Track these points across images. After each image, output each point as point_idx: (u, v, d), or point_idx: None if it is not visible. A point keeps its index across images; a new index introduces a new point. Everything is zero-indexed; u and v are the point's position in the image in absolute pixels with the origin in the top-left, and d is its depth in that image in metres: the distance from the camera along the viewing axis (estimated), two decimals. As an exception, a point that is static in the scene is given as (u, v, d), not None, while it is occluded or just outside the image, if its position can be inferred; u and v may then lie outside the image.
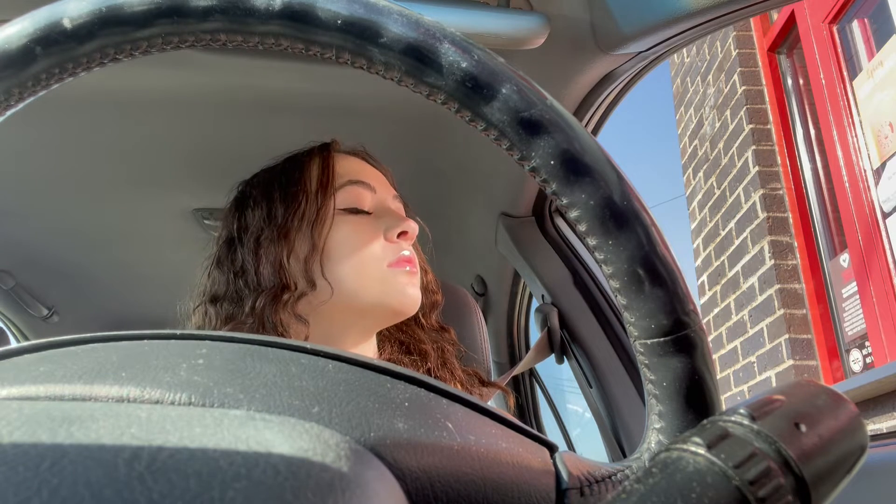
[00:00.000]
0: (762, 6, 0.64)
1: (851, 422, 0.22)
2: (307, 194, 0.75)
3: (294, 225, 0.73)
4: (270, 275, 0.72)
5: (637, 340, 0.28)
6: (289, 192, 0.76)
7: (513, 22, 0.73)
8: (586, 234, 0.28)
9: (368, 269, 0.73)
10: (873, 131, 2.17)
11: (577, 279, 1.14)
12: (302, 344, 0.29)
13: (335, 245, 0.73)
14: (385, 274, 0.73)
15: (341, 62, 0.29)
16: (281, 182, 0.77)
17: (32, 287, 1.51)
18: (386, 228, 0.75)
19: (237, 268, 0.75)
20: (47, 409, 0.20)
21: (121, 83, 0.91)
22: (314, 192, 0.75)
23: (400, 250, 0.75)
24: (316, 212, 0.74)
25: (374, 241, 0.74)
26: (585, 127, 0.40)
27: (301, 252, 0.73)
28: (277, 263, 0.72)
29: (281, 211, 0.75)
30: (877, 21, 2.22)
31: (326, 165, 0.77)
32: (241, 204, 0.80)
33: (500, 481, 0.25)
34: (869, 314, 2.14)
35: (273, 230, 0.74)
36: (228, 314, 0.73)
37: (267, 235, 0.74)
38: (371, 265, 0.73)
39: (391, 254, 0.74)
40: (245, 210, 0.79)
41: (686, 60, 3.58)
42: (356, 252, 0.73)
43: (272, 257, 0.73)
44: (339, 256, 0.73)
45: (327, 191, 0.75)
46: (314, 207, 0.74)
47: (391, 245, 0.75)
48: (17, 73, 0.27)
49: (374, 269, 0.73)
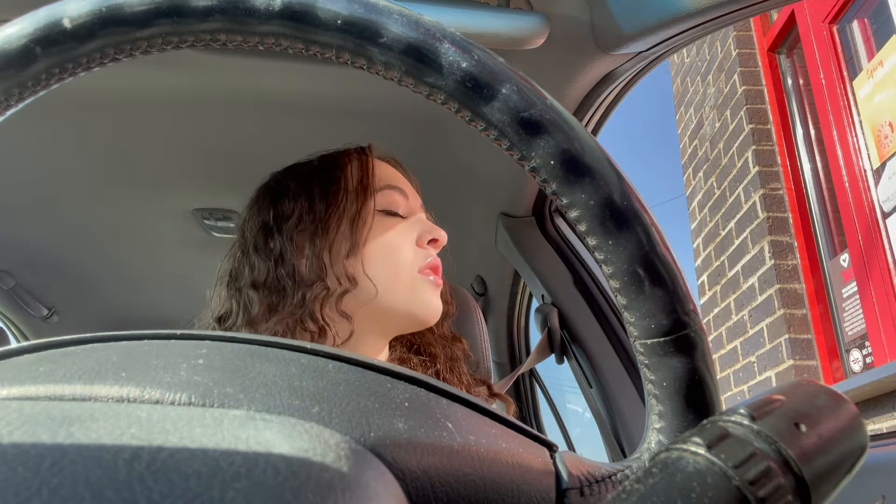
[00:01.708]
0: (762, 6, 0.64)
1: (851, 422, 0.22)
2: (347, 193, 0.76)
3: (334, 222, 0.74)
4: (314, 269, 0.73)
5: (637, 340, 0.28)
6: (329, 189, 0.77)
7: (513, 22, 0.73)
8: (586, 234, 0.28)
9: (401, 272, 0.74)
10: (873, 131, 2.17)
11: (577, 279, 1.14)
12: (302, 344, 0.29)
13: (373, 245, 0.74)
14: (415, 280, 0.75)
15: (341, 62, 0.29)
16: (321, 178, 0.78)
17: (32, 287, 1.51)
18: (418, 234, 0.77)
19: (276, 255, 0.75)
20: (47, 409, 0.20)
21: (121, 83, 0.91)
22: (354, 191, 0.76)
23: (428, 256, 0.77)
24: (357, 210, 0.75)
25: (407, 245, 0.76)
26: (585, 127, 0.40)
27: (341, 249, 0.74)
28: (320, 258, 0.73)
29: (322, 206, 0.75)
30: (877, 21, 2.22)
31: (366, 167, 0.79)
32: (277, 193, 0.80)
33: (500, 481, 0.25)
34: (869, 314, 2.14)
35: (314, 225, 0.75)
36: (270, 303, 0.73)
37: (307, 228, 0.75)
38: (403, 268, 0.74)
39: (421, 259, 0.76)
40: (281, 200, 0.78)
41: (686, 60, 3.58)
42: (392, 254, 0.75)
43: (315, 251, 0.73)
44: (376, 257, 0.74)
45: (367, 191, 0.77)
46: (355, 206, 0.75)
47: (421, 251, 0.77)
48: (17, 73, 0.27)
49: (406, 274, 0.74)
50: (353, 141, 0.83)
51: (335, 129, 1.02)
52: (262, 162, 0.83)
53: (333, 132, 0.85)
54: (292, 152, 0.82)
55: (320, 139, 0.84)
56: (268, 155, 0.84)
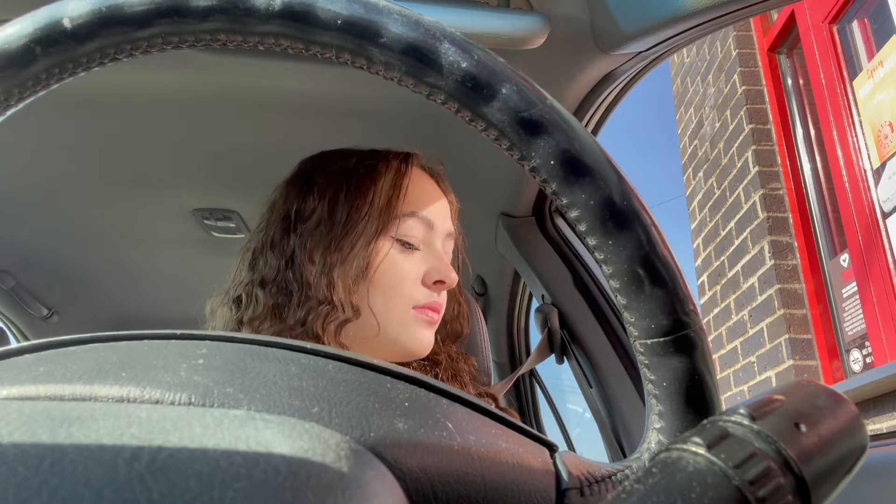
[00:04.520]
0: (762, 6, 0.64)
1: (851, 422, 0.22)
2: (372, 210, 0.72)
3: (351, 239, 0.71)
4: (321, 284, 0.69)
5: (637, 340, 0.28)
6: (356, 200, 0.72)
7: (513, 22, 0.73)
8: (586, 234, 0.28)
9: (397, 306, 0.71)
10: (873, 131, 2.17)
11: (577, 279, 1.14)
12: (302, 344, 0.29)
13: (380, 274, 0.71)
14: (408, 316, 0.72)
15: (341, 62, 0.29)
16: (351, 182, 0.74)
17: (32, 287, 1.51)
18: (427, 271, 0.73)
19: (288, 255, 0.73)
20: (47, 409, 0.20)
21: (121, 83, 0.91)
22: (379, 210, 0.72)
23: (431, 296, 0.73)
24: (375, 233, 0.71)
25: (411, 279, 0.72)
26: (585, 127, 0.40)
27: (352, 271, 0.70)
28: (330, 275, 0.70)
29: (343, 216, 0.72)
30: (877, 21, 2.22)
31: (399, 185, 0.74)
32: (305, 185, 0.76)
33: (500, 481, 0.25)
34: (869, 314, 2.14)
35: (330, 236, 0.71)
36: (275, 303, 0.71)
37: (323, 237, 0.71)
38: (400, 303, 0.72)
39: (422, 297, 0.72)
40: (309, 194, 0.75)
41: (686, 60, 3.58)
42: (395, 286, 0.71)
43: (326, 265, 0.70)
44: (379, 287, 0.71)
45: (393, 214, 0.72)
46: (375, 226, 0.71)
47: (425, 290, 0.73)
48: (17, 73, 0.27)
49: (402, 308, 0.72)
50: (353, 141, 0.82)
51: (335, 128, 1.02)
52: (262, 162, 0.83)
53: (333, 132, 0.85)
54: (292, 152, 0.82)
55: (320, 139, 0.84)
56: (268, 155, 0.84)
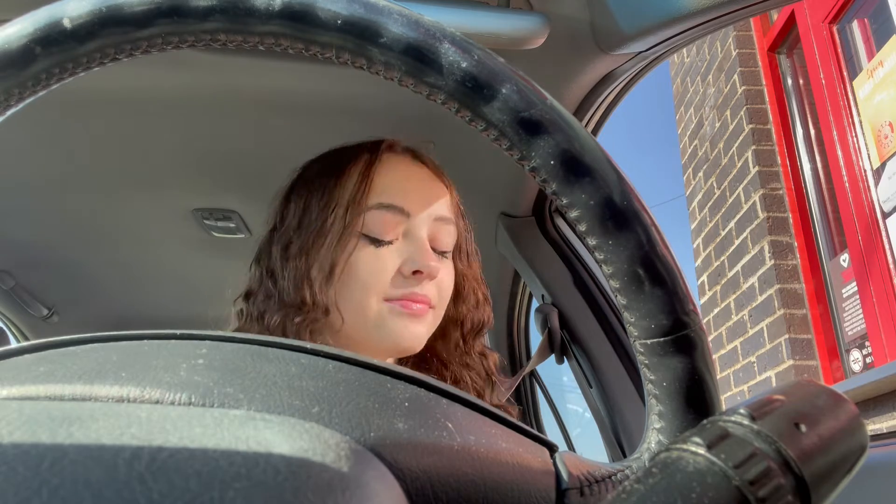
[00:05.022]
0: (762, 6, 0.64)
1: (851, 422, 0.22)
2: (338, 209, 0.69)
3: (318, 241, 0.68)
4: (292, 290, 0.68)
5: (637, 340, 0.28)
6: (322, 203, 0.70)
7: (513, 22, 0.73)
8: (586, 234, 0.28)
9: (369, 302, 0.68)
10: (873, 131, 2.17)
11: (577, 279, 1.14)
12: (302, 344, 0.29)
13: (348, 271, 0.68)
14: (382, 310, 0.68)
15: (341, 62, 0.29)
16: (319, 183, 0.72)
17: (32, 287, 1.51)
18: (403, 261, 0.69)
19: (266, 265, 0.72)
20: (47, 409, 0.20)
21: (121, 83, 0.91)
22: (345, 208, 0.69)
23: (409, 287, 0.68)
24: (340, 232, 0.68)
25: (382, 274, 0.68)
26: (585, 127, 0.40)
27: (321, 271, 0.68)
28: (300, 280, 0.68)
29: (311, 220, 0.70)
30: (877, 21, 2.22)
31: (365, 176, 0.71)
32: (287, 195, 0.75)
33: (500, 481, 0.25)
34: (869, 314, 2.14)
35: (301, 239, 0.70)
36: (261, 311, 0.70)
37: (295, 241, 0.70)
38: (371, 299, 0.68)
39: (396, 289, 0.68)
40: (288, 203, 0.74)
41: (686, 60, 3.58)
42: (364, 282, 0.68)
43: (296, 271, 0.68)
44: (345, 284, 0.68)
45: (358, 209, 0.69)
46: (340, 227, 0.68)
47: (402, 279, 0.68)
48: (17, 73, 0.27)
49: (374, 303, 0.68)
50: (353, 140, 0.81)
51: (335, 128, 1.02)
52: (262, 162, 0.83)
53: (333, 132, 0.85)
54: (292, 152, 0.82)
55: (320, 139, 0.84)
56: (268, 155, 0.84)
